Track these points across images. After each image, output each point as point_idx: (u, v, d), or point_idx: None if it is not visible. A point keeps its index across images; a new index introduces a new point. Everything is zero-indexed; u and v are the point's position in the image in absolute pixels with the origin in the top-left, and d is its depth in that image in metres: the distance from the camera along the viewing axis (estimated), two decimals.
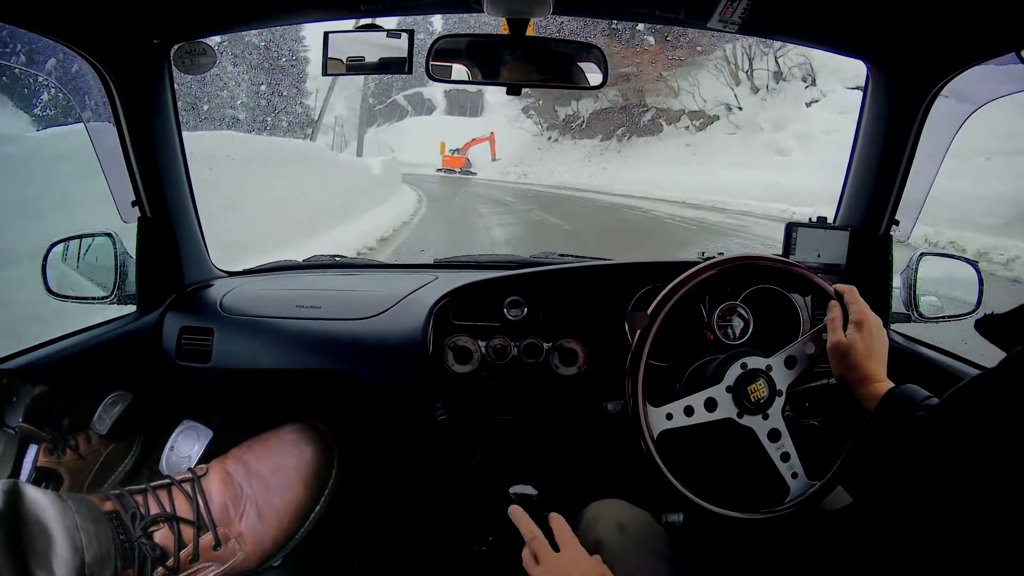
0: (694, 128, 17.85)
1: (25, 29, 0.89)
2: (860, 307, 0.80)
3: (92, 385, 0.73)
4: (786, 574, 0.81)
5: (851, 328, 0.79)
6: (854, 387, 0.76)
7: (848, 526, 0.76)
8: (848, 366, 0.77)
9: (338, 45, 1.02)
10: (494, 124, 24.28)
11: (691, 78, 17.53)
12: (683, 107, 18.22)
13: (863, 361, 0.76)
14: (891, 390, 0.72)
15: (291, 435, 0.74)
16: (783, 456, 0.85)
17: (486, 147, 23.84)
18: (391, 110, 30.43)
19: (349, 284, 1.34)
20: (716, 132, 16.92)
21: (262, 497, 0.70)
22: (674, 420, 0.84)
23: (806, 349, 0.86)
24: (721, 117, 17.08)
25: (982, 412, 0.54)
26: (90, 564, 0.61)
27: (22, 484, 0.63)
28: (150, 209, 1.15)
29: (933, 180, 1.17)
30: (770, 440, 0.85)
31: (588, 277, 1.16)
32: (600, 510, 0.87)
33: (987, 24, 0.88)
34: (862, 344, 0.77)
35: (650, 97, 19.08)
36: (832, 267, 1.20)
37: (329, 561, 0.72)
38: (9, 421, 0.71)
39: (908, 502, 0.61)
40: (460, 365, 1.10)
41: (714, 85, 17.18)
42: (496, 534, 1.17)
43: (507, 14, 0.99)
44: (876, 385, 0.74)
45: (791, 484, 0.85)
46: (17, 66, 1.58)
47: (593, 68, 1.03)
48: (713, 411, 0.85)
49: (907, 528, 0.60)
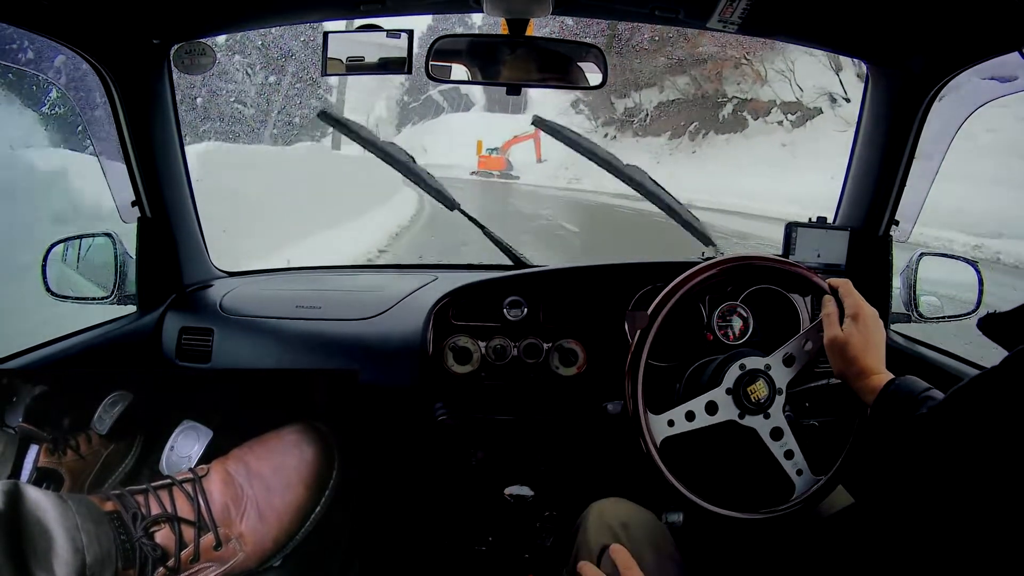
0: (789, 124, 14.78)
1: (25, 29, 0.89)
2: (855, 300, 0.80)
3: (92, 385, 0.73)
4: (788, 574, 0.81)
5: (847, 322, 0.78)
6: (853, 381, 0.76)
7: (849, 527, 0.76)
8: (846, 360, 0.77)
9: (338, 45, 1.02)
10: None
11: (782, 61, 14.27)
12: (774, 97, 15.05)
13: (861, 354, 0.76)
14: (890, 382, 0.71)
15: (292, 436, 0.74)
16: (787, 454, 0.85)
17: (530, 147, 21.16)
18: (426, 107, 28.41)
19: (349, 284, 1.34)
20: (820, 128, 13.61)
21: (263, 497, 0.70)
22: (676, 427, 0.84)
23: (804, 346, 0.86)
24: (824, 110, 13.90)
25: (984, 411, 0.54)
26: (91, 565, 0.61)
27: (23, 485, 0.63)
28: (150, 209, 1.15)
29: (933, 180, 1.17)
30: (773, 439, 0.85)
31: (588, 277, 1.16)
32: (603, 509, 0.87)
33: (987, 23, 0.88)
34: (859, 337, 0.77)
35: (730, 86, 15.85)
36: (832, 267, 1.20)
37: (329, 561, 0.72)
38: (9, 421, 0.71)
39: (909, 501, 0.61)
40: (460, 365, 1.10)
41: (812, 69, 13.73)
42: (496, 534, 1.17)
43: (506, 14, 0.99)
44: (875, 378, 0.74)
45: (796, 481, 0.85)
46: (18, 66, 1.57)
47: (592, 68, 1.03)
48: (714, 414, 0.85)
49: (908, 528, 0.61)
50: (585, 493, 0.96)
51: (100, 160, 1.14)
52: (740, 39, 12.21)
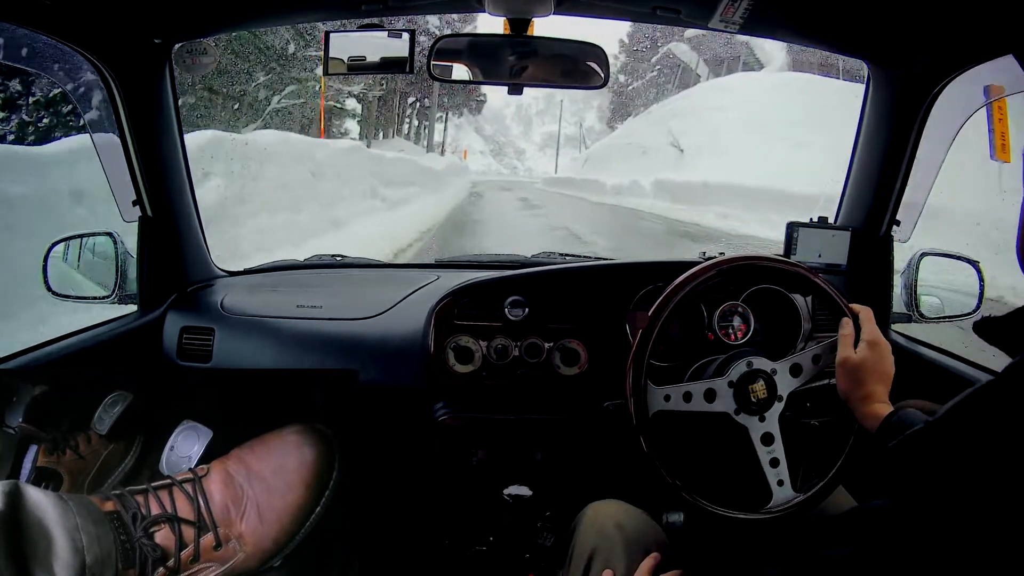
0: None
1: (27, 28, 0.89)
2: (874, 328, 0.83)
3: (92, 385, 0.73)
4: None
5: (863, 346, 0.81)
6: (857, 404, 0.79)
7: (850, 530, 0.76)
8: (856, 382, 0.79)
9: (339, 45, 1.02)
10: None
11: None
12: None
13: (869, 379, 0.79)
14: (892, 413, 0.73)
15: (293, 437, 0.74)
16: (772, 461, 0.85)
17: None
18: (660, 80, 20.56)
19: (350, 283, 1.34)
20: None
21: (263, 498, 0.70)
22: (671, 402, 0.85)
23: (813, 360, 0.87)
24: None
25: (982, 426, 0.54)
26: (91, 565, 0.61)
27: (23, 485, 0.63)
28: (151, 208, 1.15)
29: (934, 180, 1.17)
30: (763, 443, 0.85)
31: (589, 277, 1.16)
32: (598, 510, 0.88)
33: (988, 24, 0.88)
34: (871, 363, 0.80)
35: None
36: (833, 267, 1.20)
37: (329, 562, 0.72)
38: (9, 421, 0.71)
39: (909, 515, 0.60)
40: (462, 365, 1.10)
41: None
42: (497, 534, 1.17)
43: (508, 13, 0.99)
44: (878, 406, 0.76)
45: (775, 491, 0.85)
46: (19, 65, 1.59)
47: (594, 67, 1.03)
48: (712, 402, 0.85)
49: (909, 538, 0.60)
50: (584, 493, 0.96)
51: (101, 159, 1.14)
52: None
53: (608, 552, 0.81)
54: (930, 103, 1.09)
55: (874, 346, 0.81)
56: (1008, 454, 0.50)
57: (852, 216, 1.24)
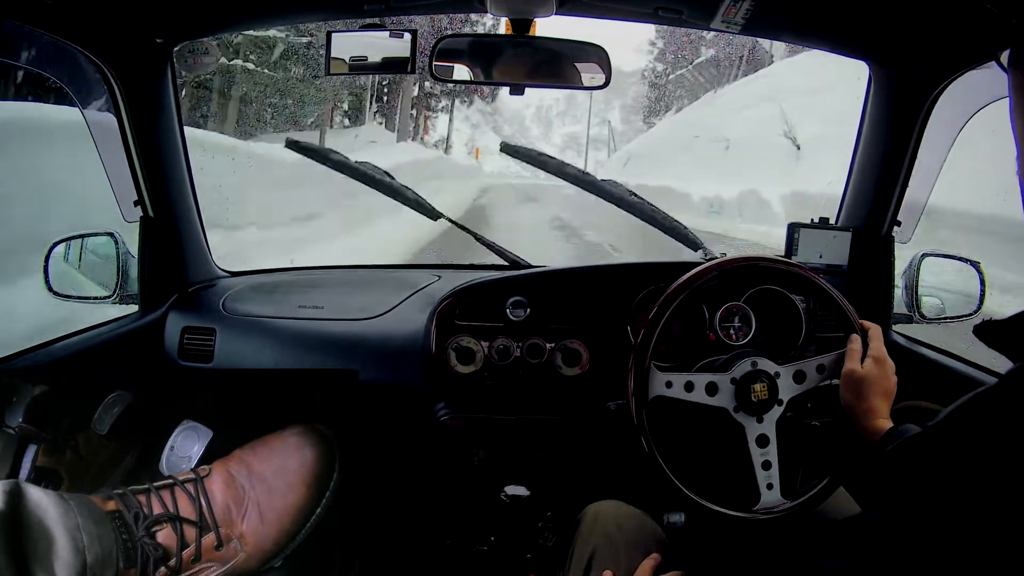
0: None
1: (29, 27, 0.89)
2: (880, 346, 0.85)
3: (92, 385, 0.73)
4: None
5: (869, 361, 0.83)
6: (858, 417, 0.80)
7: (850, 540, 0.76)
8: (859, 395, 0.81)
9: (341, 45, 1.02)
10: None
11: None
12: None
13: (872, 394, 0.80)
14: (893, 428, 0.74)
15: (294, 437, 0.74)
16: (764, 464, 0.85)
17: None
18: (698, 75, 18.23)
19: (351, 284, 1.34)
20: None
21: (264, 498, 0.70)
22: (672, 389, 0.85)
23: (818, 370, 0.87)
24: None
25: (981, 432, 0.54)
26: (92, 565, 0.60)
27: (24, 484, 0.63)
28: (153, 208, 1.15)
29: (935, 181, 1.17)
30: (757, 445, 0.85)
31: (591, 278, 1.16)
32: (599, 511, 0.88)
33: (988, 25, 0.88)
34: (876, 378, 0.81)
35: None
36: (834, 268, 1.20)
37: (329, 562, 0.72)
38: (9, 421, 0.71)
39: (908, 524, 0.60)
40: (463, 366, 1.10)
41: None
42: (497, 534, 1.17)
43: (510, 14, 0.99)
44: (879, 421, 0.78)
45: (763, 494, 0.85)
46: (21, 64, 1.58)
47: (596, 68, 1.03)
48: (712, 396, 0.85)
49: (908, 548, 0.60)
50: (585, 494, 0.96)
51: (102, 159, 1.14)
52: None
53: (609, 552, 0.81)
54: (931, 103, 1.09)
55: (880, 363, 0.82)
56: (1007, 460, 0.50)
57: (853, 217, 1.24)
